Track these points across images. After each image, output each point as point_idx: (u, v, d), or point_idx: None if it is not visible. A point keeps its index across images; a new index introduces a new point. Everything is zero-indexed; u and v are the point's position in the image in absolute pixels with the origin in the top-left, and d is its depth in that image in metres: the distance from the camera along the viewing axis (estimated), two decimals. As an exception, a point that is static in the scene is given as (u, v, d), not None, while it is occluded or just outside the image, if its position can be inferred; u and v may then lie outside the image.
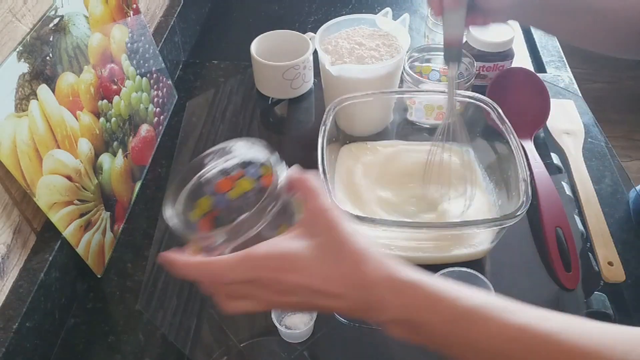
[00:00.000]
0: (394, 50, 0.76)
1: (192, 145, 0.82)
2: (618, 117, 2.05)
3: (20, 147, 0.52)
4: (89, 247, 0.62)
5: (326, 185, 0.59)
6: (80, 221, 0.60)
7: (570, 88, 0.89)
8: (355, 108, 0.70)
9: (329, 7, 1.11)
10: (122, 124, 0.71)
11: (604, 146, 0.79)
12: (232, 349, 0.58)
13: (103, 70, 0.67)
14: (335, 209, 0.41)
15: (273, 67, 0.84)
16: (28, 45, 0.54)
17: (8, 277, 0.55)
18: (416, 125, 0.78)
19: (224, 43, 1.04)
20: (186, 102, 0.89)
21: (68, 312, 0.61)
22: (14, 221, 0.55)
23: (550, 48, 0.98)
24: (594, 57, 2.23)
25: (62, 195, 0.57)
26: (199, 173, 0.48)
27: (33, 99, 0.54)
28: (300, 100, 0.89)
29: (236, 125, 0.85)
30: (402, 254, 0.63)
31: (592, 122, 0.83)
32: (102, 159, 0.66)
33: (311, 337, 0.58)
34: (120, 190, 0.69)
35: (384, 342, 0.58)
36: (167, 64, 0.85)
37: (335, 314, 0.55)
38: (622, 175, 0.75)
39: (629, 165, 1.93)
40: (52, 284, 0.58)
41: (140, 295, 0.63)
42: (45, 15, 0.57)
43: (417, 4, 1.12)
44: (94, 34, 0.65)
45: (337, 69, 0.73)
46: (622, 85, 2.19)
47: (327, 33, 0.79)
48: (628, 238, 0.67)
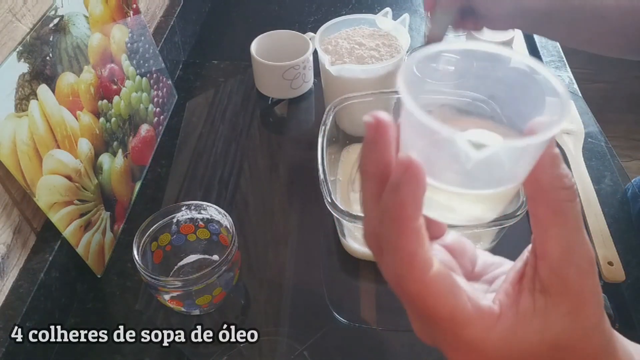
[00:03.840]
0: (394, 50, 0.76)
1: (192, 145, 0.82)
2: (618, 117, 2.05)
3: (20, 147, 0.52)
4: (89, 247, 0.62)
5: (326, 186, 0.59)
6: (80, 221, 0.60)
7: (570, 88, 0.89)
8: (355, 108, 0.70)
9: (329, 7, 1.11)
10: (122, 124, 0.71)
11: (604, 146, 0.79)
12: (232, 349, 0.58)
13: (103, 70, 0.67)
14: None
15: (273, 67, 0.84)
16: (28, 45, 0.54)
17: (8, 277, 0.55)
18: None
19: (224, 43, 1.04)
20: (186, 102, 0.89)
21: (68, 312, 0.61)
22: (14, 221, 0.55)
23: (550, 48, 0.98)
24: (594, 57, 2.22)
25: (62, 195, 0.57)
26: (173, 214, 0.60)
27: (33, 99, 0.54)
28: (300, 100, 0.89)
29: (236, 125, 0.85)
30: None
31: (592, 122, 0.83)
32: (102, 159, 0.65)
33: (311, 337, 0.58)
34: (120, 190, 0.69)
35: (384, 342, 0.58)
36: (167, 64, 0.85)
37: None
38: (622, 175, 0.75)
39: (629, 165, 1.93)
40: (52, 284, 0.58)
41: (140, 295, 0.63)
42: (45, 15, 0.57)
43: (417, 4, 1.12)
44: (94, 34, 0.65)
45: (337, 69, 0.73)
46: (622, 85, 2.19)
47: (327, 33, 0.79)
48: (628, 238, 0.67)
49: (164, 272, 0.61)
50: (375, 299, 0.62)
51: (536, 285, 0.26)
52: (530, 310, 0.26)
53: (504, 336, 0.26)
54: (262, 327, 0.60)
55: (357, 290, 0.64)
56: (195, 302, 0.56)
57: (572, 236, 0.26)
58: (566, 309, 0.26)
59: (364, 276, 0.65)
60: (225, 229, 0.60)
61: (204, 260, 0.64)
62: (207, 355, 0.58)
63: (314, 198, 0.65)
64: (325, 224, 0.69)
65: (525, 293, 0.27)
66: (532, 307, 0.26)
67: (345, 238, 0.64)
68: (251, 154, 0.81)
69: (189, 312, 0.60)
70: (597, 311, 0.26)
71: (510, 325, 0.26)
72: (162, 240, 0.60)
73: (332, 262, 0.66)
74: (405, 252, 0.25)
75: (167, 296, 0.56)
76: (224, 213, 0.59)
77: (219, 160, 0.80)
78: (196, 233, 0.62)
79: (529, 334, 0.26)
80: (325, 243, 0.68)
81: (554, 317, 0.26)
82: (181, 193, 0.75)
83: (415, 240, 0.25)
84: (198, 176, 0.77)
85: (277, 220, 0.72)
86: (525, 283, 0.27)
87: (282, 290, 0.63)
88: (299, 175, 0.77)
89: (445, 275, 0.26)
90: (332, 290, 0.63)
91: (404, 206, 0.24)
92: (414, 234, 0.25)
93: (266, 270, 0.66)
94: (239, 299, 0.63)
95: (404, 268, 0.25)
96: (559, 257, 0.26)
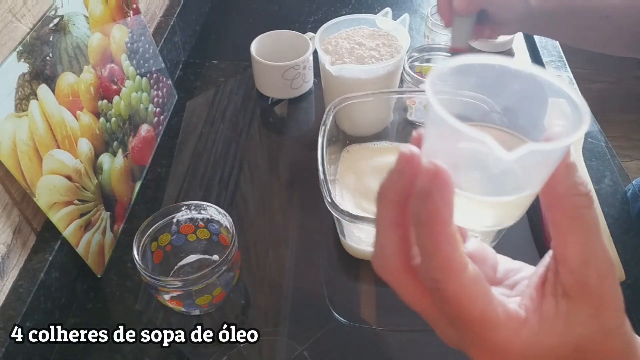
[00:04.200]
0: (394, 50, 0.76)
1: (192, 145, 0.82)
2: (618, 117, 2.05)
3: (20, 147, 0.52)
4: (89, 247, 0.62)
5: (326, 185, 0.59)
6: (80, 221, 0.60)
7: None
8: (355, 108, 0.70)
9: (329, 7, 1.11)
10: (122, 124, 0.71)
11: (604, 146, 0.79)
12: (232, 349, 0.58)
13: (103, 70, 0.67)
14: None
15: (273, 67, 0.84)
16: (28, 45, 0.54)
17: (8, 277, 0.55)
18: (416, 125, 0.78)
19: (224, 43, 1.04)
20: (186, 102, 0.89)
21: (68, 312, 0.61)
22: (14, 221, 0.55)
23: (550, 48, 0.98)
24: (594, 57, 2.23)
25: (62, 195, 0.57)
26: (173, 214, 0.60)
27: (33, 99, 0.54)
28: (300, 100, 0.89)
29: (236, 125, 0.85)
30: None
31: (592, 122, 0.83)
32: (102, 159, 0.66)
33: (311, 337, 0.58)
34: (120, 190, 0.69)
35: (384, 342, 0.58)
36: (167, 64, 0.85)
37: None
38: (622, 175, 0.75)
39: (629, 165, 1.93)
40: (52, 284, 0.58)
41: (140, 295, 0.63)
42: (45, 15, 0.57)
43: (417, 4, 1.12)
44: (94, 34, 0.65)
45: (337, 69, 0.73)
46: (622, 85, 2.19)
47: (327, 33, 0.79)
48: (628, 238, 0.67)
49: (164, 272, 0.62)
50: (375, 299, 0.62)
51: (558, 289, 0.27)
52: (553, 314, 0.27)
53: (529, 340, 0.27)
54: (262, 327, 0.60)
55: (357, 290, 0.64)
56: (195, 302, 0.56)
57: (591, 241, 0.26)
58: (588, 312, 0.26)
59: (364, 276, 0.65)
60: (225, 229, 0.60)
61: (204, 260, 0.64)
62: (207, 355, 0.58)
63: (314, 198, 0.65)
64: (325, 224, 0.69)
65: (548, 297, 0.27)
66: (555, 310, 0.27)
67: (345, 238, 0.64)
68: (251, 154, 0.81)
69: (189, 312, 0.60)
70: (618, 314, 0.27)
71: (535, 329, 0.27)
72: (162, 240, 0.60)
73: (332, 262, 0.66)
74: (441, 256, 0.25)
75: (167, 296, 0.56)
76: (224, 213, 0.59)
77: (219, 160, 0.80)
78: (196, 233, 0.62)
79: (552, 337, 0.27)
80: (325, 243, 0.68)
81: (576, 320, 0.26)
82: (181, 193, 0.75)
83: (451, 244, 0.25)
84: (198, 176, 0.77)
85: (277, 220, 0.72)
86: (548, 288, 0.28)
87: (282, 290, 0.63)
88: (299, 175, 0.77)
89: (479, 278, 0.26)
90: (332, 290, 0.63)
91: (437, 211, 0.25)
92: (450, 238, 0.25)
93: (266, 270, 0.66)
94: (239, 299, 0.63)
95: (441, 272, 0.26)
96: (578, 262, 0.26)
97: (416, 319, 0.31)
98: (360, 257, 0.65)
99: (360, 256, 0.65)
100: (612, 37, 0.65)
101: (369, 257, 0.64)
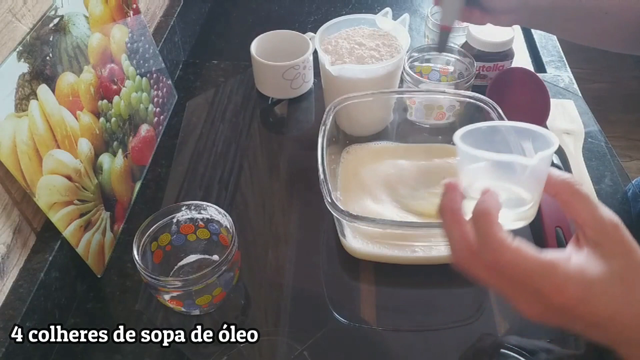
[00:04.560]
0: (394, 50, 0.76)
1: (192, 145, 0.82)
2: (618, 117, 2.05)
3: (20, 147, 0.52)
4: (89, 247, 0.62)
5: (326, 186, 0.59)
6: (80, 221, 0.60)
7: (570, 88, 0.89)
8: (355, 108, 0.70)
9: (329, 7, 1.11)
10: (122, 124, 0.71)
11: (604, 146, 0.79)
12: (232, 349, 0.58)
13: (103, 70, 0.67)
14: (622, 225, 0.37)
15: (273, 67, 0.84)
16: (28, 45, 0.54)
17: (8, 277, 0.55)
18: (416, 125, 0.78)
19: (224, 43, 1.04)
20: (186, 102, 0.89)
21: (68, 312, 0.61)
22: (14, 221, 0.55)
23: (550, 48, 0.98)
24: (594, 57, 2.23)
25: (62, 195, 0.57)
26: (173, 214, 0.60)
27: (33, 99, 0.54)
28: (300, 100, 0.89)
29: (236, 125, 0.85)
30: (402, 253, 0.63)
31: (592, 122, 0.83)
32: (102, 159, 0.66)
33: (311, 337, 0.58)
34: (120, 190, 0.69)
35: (384, 342, 0.58)
36: (167, 64, 0.85)
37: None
38: (622, 175, 0.75)
39: (629, 165, 1.93)
40: (52, 284, 0.58)
41: (140, 295, 0.63)
42: (45, 15, 0.57)
43: (417, 4, 1.12)
44: (94, 34, 0.65)
45: (337, 69, 0.73)
46: (622, 85, 2.19)
47: (327, 33, 0.79)
48: (628, 238, 0.67)
49: (164, 272, 0.62)
50: (375, 299, 0.62)
51: (590, 243, 0.37)
52: (593, 257, 0.36)
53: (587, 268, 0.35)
54: (262, 327, 0.60)
55: (357, 290, 0.64)
56: (195, 302, 0.56)
57: (592, 203, 0.37)
58: (618, 253, 0.36)
59: (364, 276, 0.65)
60: (225, 229, 0.60)
61: (204, 260, 0.64)
62: (207, 355, 0.58)
63: (314, 198, 0.65)
64: (325, 224, 0.69)
65: (585, 248, 0.37)
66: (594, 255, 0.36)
67: (345, 238, 0.64)
68: (251, 154, 0.81)
69: (189, 312, 0.60)
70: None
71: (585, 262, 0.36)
72: (162, 240, 0.60)
73: (332, 262, 0.66)
74: (495, 238, 0.36)
75: (167, 296, 0.56)
76: (224, 213, 0.59)
77: (219, 160, 0.80)
78: (196, 233, 0.62)
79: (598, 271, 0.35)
80: (325, 243, 0.68)
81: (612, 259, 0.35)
82: (181, 193, 0.75)
83: (500, 230, 0.36)
84: (198, 176, 0.77)
85: (277, 220, 0.72)
86: (582, 243, 0.37)
87: (282, 290, 0.63)
88: (299, 175, 0.77)
89: (524, 243, 0.36)
90: (332, 290, 0.63)
91: (490, 212, 0.37)
92: (498, 227, 0.37)
93: (266, 270, 0.66)
94: (239, 299, 0.63)
95: (498, 249, 0.36)
96: (591, 218, 0.37)
97: (416, 319, 0.31)
98: (360, 257, 0.65)
99: (360, 256, 0.65)
100: (611, 33, 0.65)
101: (369, 257, 0.64)
